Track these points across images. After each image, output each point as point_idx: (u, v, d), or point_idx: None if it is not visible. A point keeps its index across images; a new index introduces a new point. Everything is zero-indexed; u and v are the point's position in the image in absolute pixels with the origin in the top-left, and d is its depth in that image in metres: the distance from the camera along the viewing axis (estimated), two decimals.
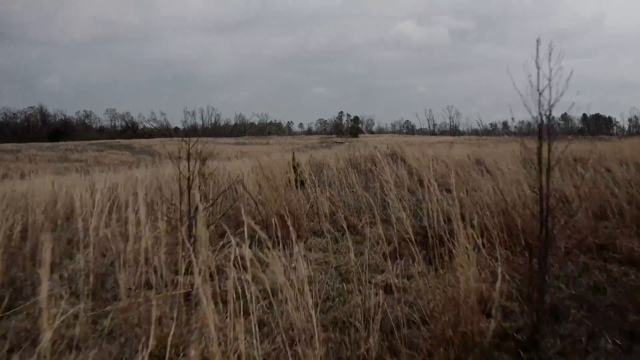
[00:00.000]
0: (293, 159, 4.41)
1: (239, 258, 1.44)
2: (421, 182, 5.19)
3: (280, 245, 2.03)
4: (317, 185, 4.03)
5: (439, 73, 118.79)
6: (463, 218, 1.88)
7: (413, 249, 1.91)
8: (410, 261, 2.39)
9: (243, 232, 1.46)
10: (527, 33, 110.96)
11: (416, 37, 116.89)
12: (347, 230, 2.13)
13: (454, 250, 1.80)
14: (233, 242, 1.42)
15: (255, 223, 1.42)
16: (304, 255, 2.70)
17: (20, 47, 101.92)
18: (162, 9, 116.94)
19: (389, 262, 2.14)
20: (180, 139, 2.82)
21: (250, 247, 1.41)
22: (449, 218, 2.07)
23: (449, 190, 3.73)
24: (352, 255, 2.03)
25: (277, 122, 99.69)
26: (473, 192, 3.42)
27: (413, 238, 1.93)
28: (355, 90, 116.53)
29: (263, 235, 1.44)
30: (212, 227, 2.87)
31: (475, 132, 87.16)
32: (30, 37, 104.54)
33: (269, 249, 1.46)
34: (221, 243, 2.40)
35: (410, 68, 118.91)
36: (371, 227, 3.30)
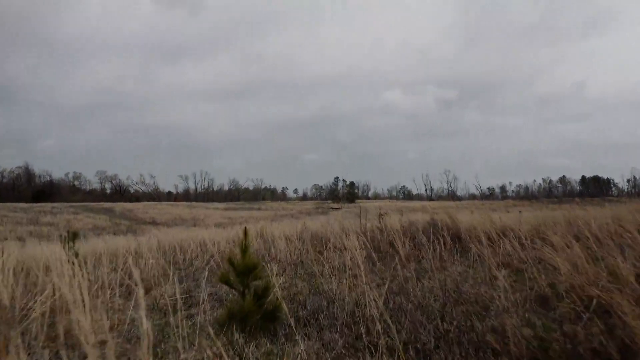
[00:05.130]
0: (244, 247, 1.88)
1: None
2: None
3: None
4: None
5: (429, 139, 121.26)
6: None
7: None
8: None
9: None
10: (509, 101, 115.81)
11: (403, 105, 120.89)
12: None
13: None
14: None
15: None
16: None
17: (20, 109, 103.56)
18: (161, 78, 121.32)
19: None
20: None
21: None
22: None
23: None
24: None
25: (271, 187, 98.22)
26: None
27: None
28: (348, 156, 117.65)
29: None
30: None
31: (473, 197, 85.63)
32: (30, 101, 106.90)
33: None
34: None
35: (401, 134, 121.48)
36: None
